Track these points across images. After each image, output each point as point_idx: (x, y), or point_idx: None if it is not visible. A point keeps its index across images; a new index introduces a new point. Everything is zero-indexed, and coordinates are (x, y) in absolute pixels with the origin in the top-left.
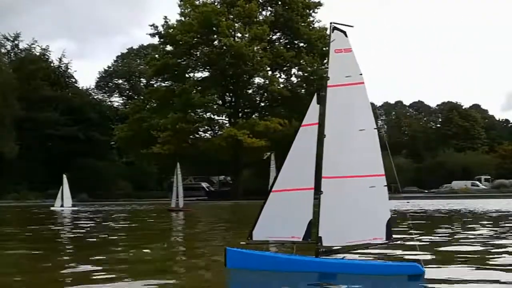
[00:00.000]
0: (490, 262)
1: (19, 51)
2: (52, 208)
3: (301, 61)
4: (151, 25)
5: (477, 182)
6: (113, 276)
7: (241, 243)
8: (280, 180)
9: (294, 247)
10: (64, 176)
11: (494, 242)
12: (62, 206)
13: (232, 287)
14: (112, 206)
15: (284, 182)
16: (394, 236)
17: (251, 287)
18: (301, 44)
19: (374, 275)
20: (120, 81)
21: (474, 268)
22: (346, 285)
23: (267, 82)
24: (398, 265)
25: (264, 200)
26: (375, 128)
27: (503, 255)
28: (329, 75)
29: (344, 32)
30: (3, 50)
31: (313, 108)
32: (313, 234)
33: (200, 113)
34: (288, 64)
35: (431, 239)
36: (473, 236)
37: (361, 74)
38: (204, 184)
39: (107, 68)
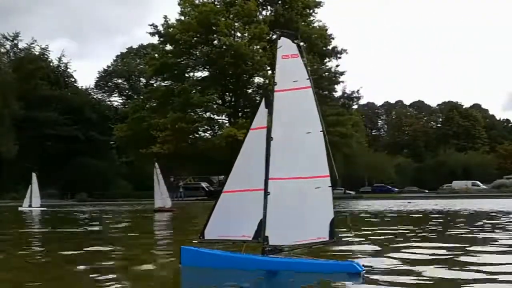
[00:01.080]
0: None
1: (18, 50)
2: (20, 209)
3: None
4: (150, 25)
5: (478, 182)
6: None
7: (194, 241)
8: (230, 181)
9: (244, 246)
10: (34, 174)
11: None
12: (30, 206)
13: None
14: (95, 206)
15: (234, 184)
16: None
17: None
18: (301, 44)
19: (315, 273)
20: (120, 81)
21: (411, 269)
22: (286, 281)
23: (267, 82)
24: (338, 263)
25: (215, 200)
26: (321, 131)
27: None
28: (276, 80)
29: (291, 38)
30: (2, 50)
31: (262, 112)
32: (262, 233)
33: (200, 113)
34: None
35: (379, 238)
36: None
37: (308, 79)
38: (204, 184)
39: (106, 68)
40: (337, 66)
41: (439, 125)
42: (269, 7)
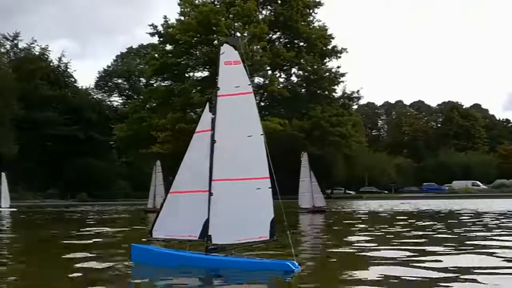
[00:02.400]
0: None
1: (18, 50)
2: None
3: (301, 61)
4: (150, 25)
5: (478, 182)
6: None
7: (143, 240)
8: (177, 183)
9: (188, 244)
10: (3, 174)
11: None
12: None
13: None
14: (79, 207)
15: (181, 185)
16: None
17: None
18: (301, 44)
19: (253, 271)
20: (120, 81)
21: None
22: (225, 278)
23: (267, 82)
24: (274, 262)
25: (163, 201)
26: (261, 134)
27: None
28: (219, 85)
29: (234, 46)
30: (2, 50)
31: (206, 116)
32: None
33: (200, 113)
34: (288, 64)
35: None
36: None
37: (249, 85)
38: None
39: (106, 68)
40: (338, 67)
41: (439, 125)
42: (268, 7)
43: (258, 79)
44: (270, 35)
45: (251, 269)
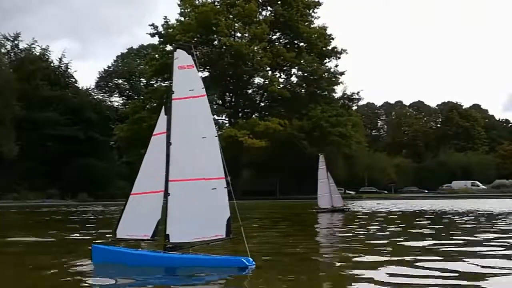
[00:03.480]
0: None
1: (19, 51)
2: None
3: (301, 61)
4: (150, 25)
5: (477, 182)
6: None
7: (107, 240)
8: (136, 184)
9: (141, 243)
10: None
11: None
12: None
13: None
14: (70, 207)
15: (139, 186)
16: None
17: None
18: (301, 44)
19: (210, 268)
20: (120, 81)
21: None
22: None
23: (267, 82)
24: (229, 259)
25: (125, 202)
26: (215, 136)
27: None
28: (174, 89)
29: (186, 50)
30: (3, 50)
31: (162, 118)
32: (160, 232)
33: None
34: (288, 64)
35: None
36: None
37: (203, 88)
38: None
39: (107, 68)
40: (336, 66)
41: (438, 125)
42: (268, 8)
43: (258, 79)
44: (270, 36)
45: (207, 265)
